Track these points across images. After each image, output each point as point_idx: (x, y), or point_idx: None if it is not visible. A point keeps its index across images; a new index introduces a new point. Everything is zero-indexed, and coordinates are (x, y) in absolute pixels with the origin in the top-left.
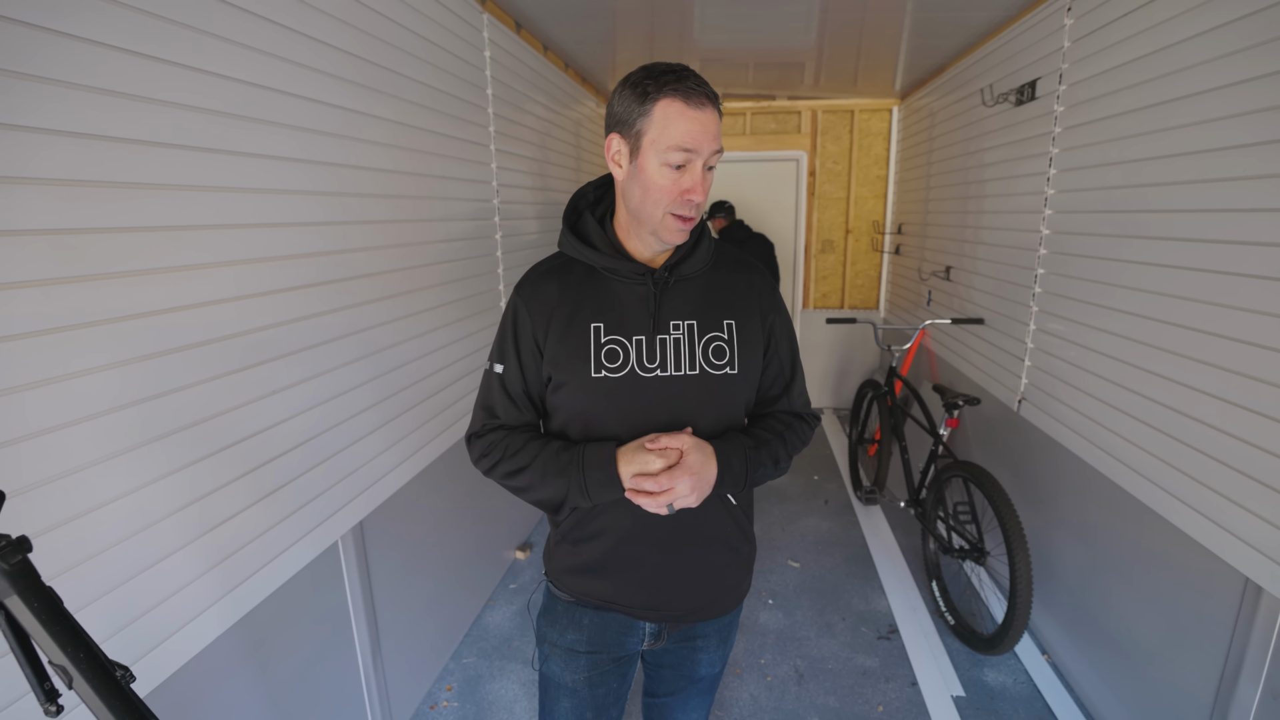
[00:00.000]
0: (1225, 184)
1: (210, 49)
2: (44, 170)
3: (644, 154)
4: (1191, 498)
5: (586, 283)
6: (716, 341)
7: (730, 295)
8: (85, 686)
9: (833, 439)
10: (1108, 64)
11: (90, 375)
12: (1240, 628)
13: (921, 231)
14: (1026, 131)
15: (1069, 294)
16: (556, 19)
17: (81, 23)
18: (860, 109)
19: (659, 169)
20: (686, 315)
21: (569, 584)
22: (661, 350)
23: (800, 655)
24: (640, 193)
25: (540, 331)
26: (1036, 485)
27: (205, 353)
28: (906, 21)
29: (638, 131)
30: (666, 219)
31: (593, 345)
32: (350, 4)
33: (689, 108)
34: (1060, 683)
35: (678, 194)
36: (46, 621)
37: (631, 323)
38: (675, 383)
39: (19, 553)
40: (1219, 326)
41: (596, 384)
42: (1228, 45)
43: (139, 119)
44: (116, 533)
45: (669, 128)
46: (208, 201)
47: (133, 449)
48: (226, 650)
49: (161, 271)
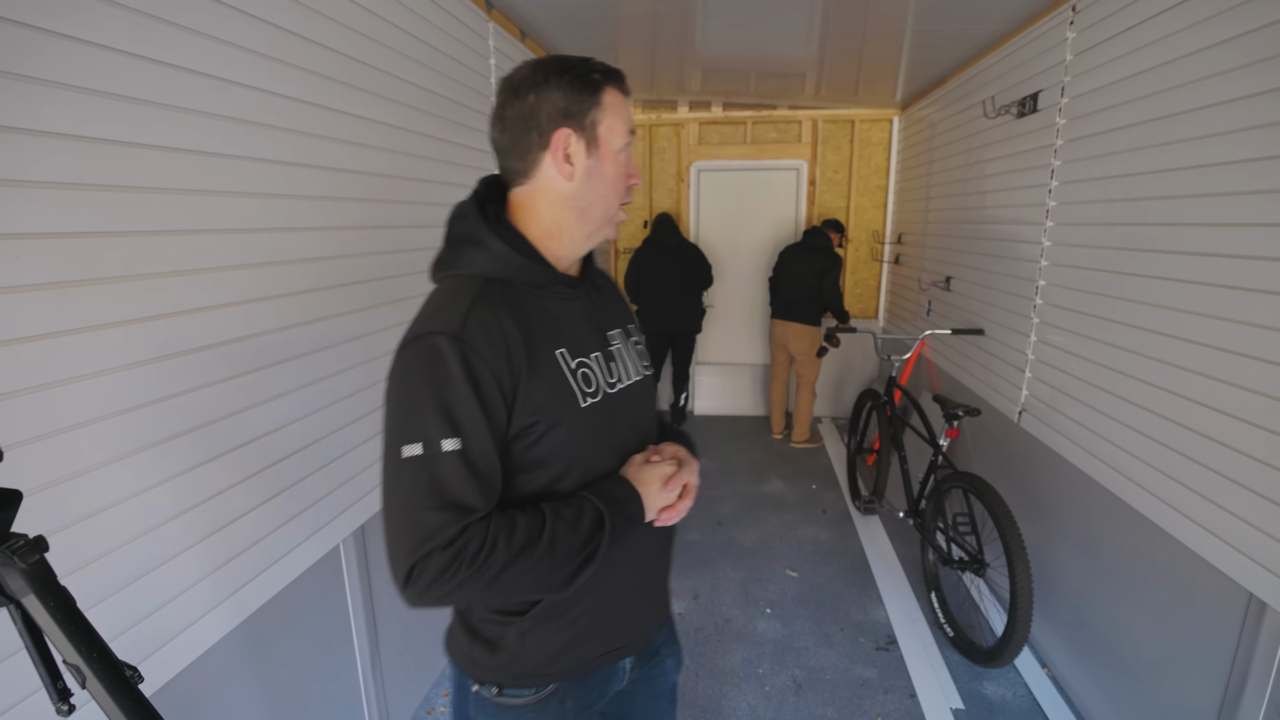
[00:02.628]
0: (1226, 198)
1: (221, 55)
2: (56, 174)
3: (603, 145)
4: (1194, 511)
5: (525, 306)
6: (638, 345)
7: (619, 299)
8: (98, 686)
9: (831, 448)
10: (1110, 78)
11: (101, 377)
12: (1244, 643)
13: (921, 241)
14: (1028, 144)
15: (1070, 305)
16: (561, 28)
17: (87, 27)
18: (861, 119)
19: (618, 158)
20: (614, 323)
21: (551, 671)
22: (613, 362)
23: (798, 665)
24: (603, 188)
25: (505, 377)
26: (1036, 497)
27: (212, 356)
28: (908, 33)
29: (592, 122)
30: (617, 213)
31: (568, 374)
32: (359, 11)
33: (621, 94)
34: (1060, 697)
35: (626, 181)
36: (62, 621)
37: (583, 340)
38: (631, 393)
39: (36, 552)
40: (1221, 340)
41: (588, 415)
42: (1229, 61)
43: (150, 123)
44: (125, 533)
45: (620, 113)
46: (217, 206)
47: (141, 450)
48: (229, 652)
49: (171, 275)
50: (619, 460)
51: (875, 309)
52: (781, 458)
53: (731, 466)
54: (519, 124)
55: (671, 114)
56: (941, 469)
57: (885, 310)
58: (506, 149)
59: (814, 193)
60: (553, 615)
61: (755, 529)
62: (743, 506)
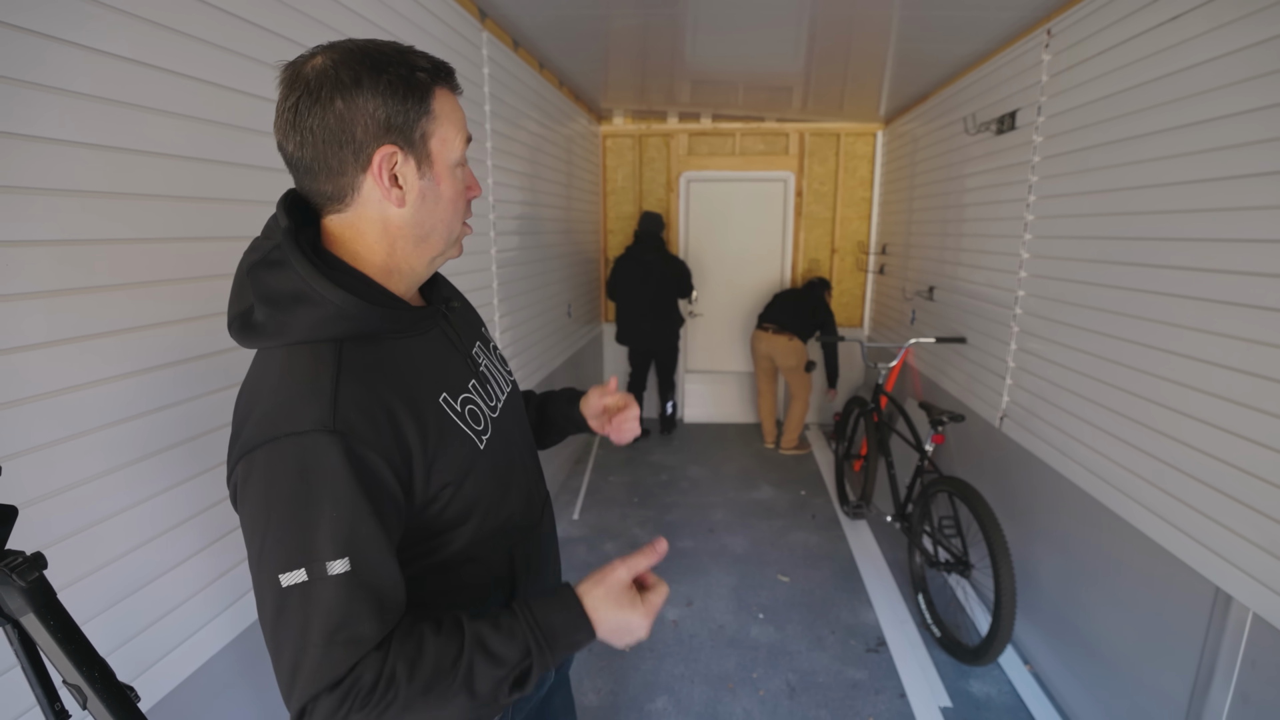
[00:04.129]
0: (1189, 215)
1: (220, 62)
2: (50, 181)
3: (437, 163)
4: (1164, 510)
5: (392, 359)
6: (497, 351)
7: (467, 305)
8: (100, 706)
9: (818, 455)
10: (1084, 99)
11: (96, 387)
12: (1212, 635)
13: (905, 252)
14: (1007, 160)
15: (1049, 315)
16: (553, 38)
17: (85, 32)
18: (846, 132)
19: (455, 174)
20: (473, 339)
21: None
22: (488, 384)
23: (791, 669)
24: (441, 211)
25: (396, 459)
26: (1016, 499)
27: (206, 365)
28: (891, 51)
29: (422, 136)
30: (461, 230)
31: (456, 419)
32: (356, 20)
33: (452, 92)
34: (1042, 691)
35: (467, 196)
36: (62, 640)
37: (457, 374)
38: (510, 406)
39: (35, 570)
40: (1189, 349)
41: (488, 455)
42: (1195, 86)
43: (144, 129)
44: (118, 547)
45: (452, 120)
46: (212, 213)
47: (135, 462)
48: (225, 665)
49: (165, 284)
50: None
51: (860, 318)
52: (770, 464)
53: (722, 474)
54: (324, 137)
55: (661, 125)
56: (927, 473)
57: (870, 319)
58: (308, 167)
59: (801, 203)
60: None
61: (746, 535)
62: (733, 513)
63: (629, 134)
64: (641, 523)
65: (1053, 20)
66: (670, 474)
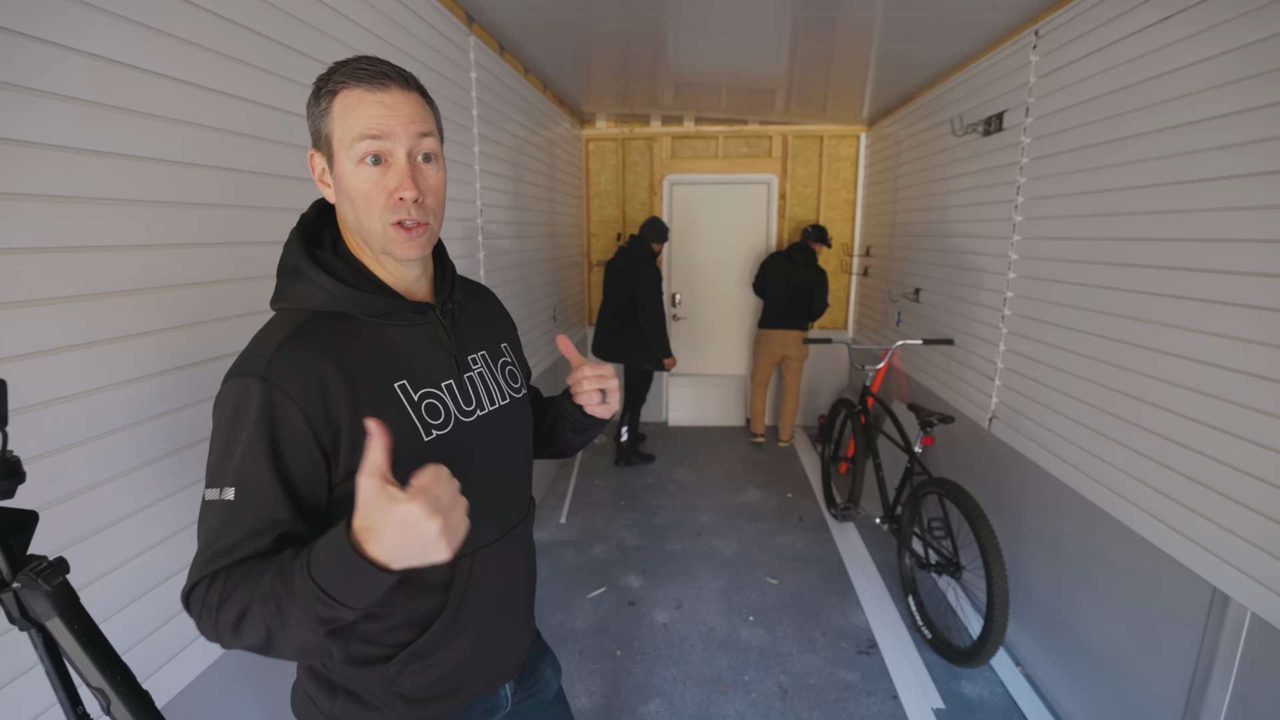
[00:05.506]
0: (1180, 215)
1: (218, 68)
2: (56, 187)
3: (338, 160)
4: (1159, 510)
5: (361, 340)
6: (508, 366)
7: (493, 316)
8: (123, 710)
9: (804, 456)
10: (1072, 100)
11: (106, 393)
12: (1209, 635)
13: (889, 254)
14: (994, 161)
15: (1037, 316)
16: (537, 42)
17: (84, 36)
18: (829, 135)
19: (355, 171)
20: (477, 346)
21: (426, 714)
22: (472, 389)
23: (783, 671)
24: (350, 207)
25: (320, 420)
26: (1006, 500)
27: (213, 370)
28: (874, 53)
29: (326, 136)
30: (388, 231)
31: (409, 407)
32: (347, 25)
33: (369, 91)
34: (1035, 693)
35: (385, 196)
36: (87, 643)
37: (431, 369)
38: (494, 419)
39: (59, 574)
40: (1179, 348)
41: (433, 449)
42: (1181, 88)
43: (147, 136)
44: (126, 551)
45: (349, 118)
46: (215, 219)
47: (142, 466)
48: (229, 669)
49: (170, 289)
50: (485, 491)
51: (845, 320)
52: (756, 467)
53: (707, 477)
54: None
55: (644, 128)
56: (917, 475)
57: (854, 321)
58: None
59: (785, 206)
60: (420, 655)
61: (734, 538)
62: (721, 516)
63: (612, 137)
64: (629, 526)
65: (1041, 21)
66: (656, 477)
